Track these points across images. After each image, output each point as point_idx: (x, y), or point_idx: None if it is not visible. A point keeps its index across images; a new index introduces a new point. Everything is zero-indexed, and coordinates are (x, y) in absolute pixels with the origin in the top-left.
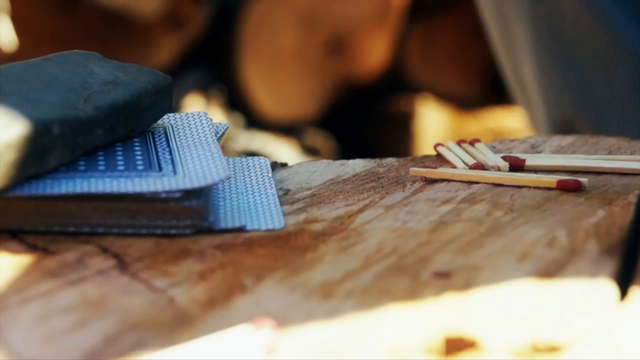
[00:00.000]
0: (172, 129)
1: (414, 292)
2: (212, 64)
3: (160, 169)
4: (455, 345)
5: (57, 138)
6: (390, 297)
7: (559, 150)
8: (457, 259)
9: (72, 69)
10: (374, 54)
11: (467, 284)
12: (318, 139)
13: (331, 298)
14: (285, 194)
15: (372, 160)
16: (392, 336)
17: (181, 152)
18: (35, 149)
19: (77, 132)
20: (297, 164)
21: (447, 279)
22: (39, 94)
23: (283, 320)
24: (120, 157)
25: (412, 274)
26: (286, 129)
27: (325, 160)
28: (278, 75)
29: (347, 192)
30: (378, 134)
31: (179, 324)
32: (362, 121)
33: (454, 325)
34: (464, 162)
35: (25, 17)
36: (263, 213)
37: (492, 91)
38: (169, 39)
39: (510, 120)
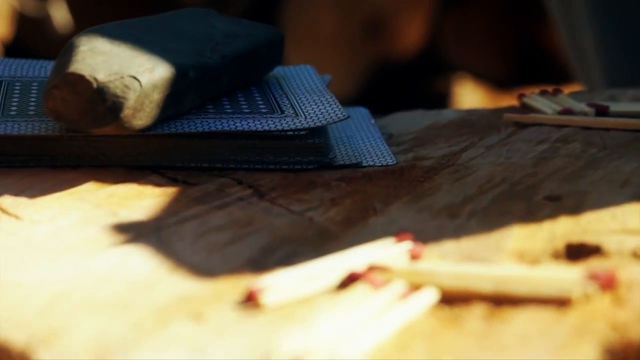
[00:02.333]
0: (284, 79)
1: (530, 212)
2: None
3: (282, 111)
4: (578, 251)
5: (192, 82)
6: (510, 216)
7: (638, 100)
8: (563, 186)
9: (196, 23)
10: (410, 35)
11: (577, 206)
12: None
13: (457, 217)
14: (389, 137)
15: (463, 111)
16: (519, 245)
17: (297, 98)
18: (174, 91)
19: (206, 78)
20: (393, 115)
21: (558, 202)
22: (172, 44)
23: (418, 235)
24: (243, 102)
25: (526, 198)
26: None
27: (419, 110)
28: (317, 57)
29: (447, 136)
30: None
31: (323, 239)
32: (399, 102)
33: (574, 236)
34: (551, 108)
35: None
36: (374, 152)
37: (525, 71)
38: None
39: None
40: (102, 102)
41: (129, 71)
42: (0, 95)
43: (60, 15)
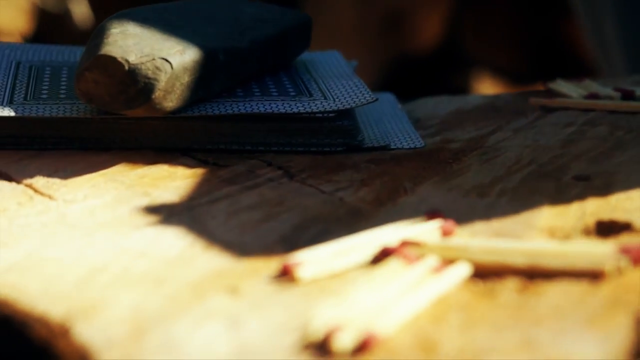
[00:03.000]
0: (312, 63)
1: (559, 192)
2: None
3: (311, 94)
4: (609, 228)
5: (221, 65)
6: (539, 195)
7: None
8: (591, 167)
9: (225, 8)
10: (429, 29)
11: (606, 185)
12: None
13: (486, 196)
14: (416, 121)
15: (488, 96)
16: (550, 223)
17: (325, 81)
18: (204, 74)
19: (236, 61)
20: (418, 100)
21: (587, 181)
22: (203, 27)
23: (449, 213)
24: (271, 85)
25: (555, 178)
26: None
27: (444, 96)
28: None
29: (473, 120)
30: None
31: (354, 218)
32: (417, 96)
33: (604, 214)
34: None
35: None
36: (402, 135)
37: (544, 65)
38: None
39: None
40: (133, 83)
41: (160, 53)
42: (31, 79)
43: (81, 10)
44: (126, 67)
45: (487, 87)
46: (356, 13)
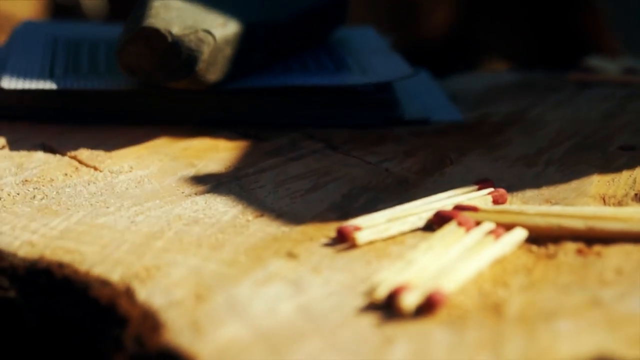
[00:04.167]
0: (348, 39)
1: (606, 161)
2: None
3: (349, 68)
4: None
5: (261, 39)
6: (587, 164)
7: None
8: (636, 137)
9: None
10: (440, 17)
11: None
12: None
13: (534, 166)
14: (452, 96)
15: (520, 73)
16: (601, 190)
17: (363, 56)
18: (245, 46)
19: (275, 35)
20: (450, 77)
21: (633, 151)
22: (242, 1)
23: (498, 182)
24: (310, 60)
25: (600, 148)
26: None
27: (475, 73)
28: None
29: (511, 94)
30: None
31: (402, 187)
32: None
33: None
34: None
35: None
36: (441, 108)
37: (557, 53)
38: None
39: None
40: (176, 56)
41: (203, 25)
42: (70, 54)
43: (93, 3)
44: (169, 39)
45: None
46: (366, 1)
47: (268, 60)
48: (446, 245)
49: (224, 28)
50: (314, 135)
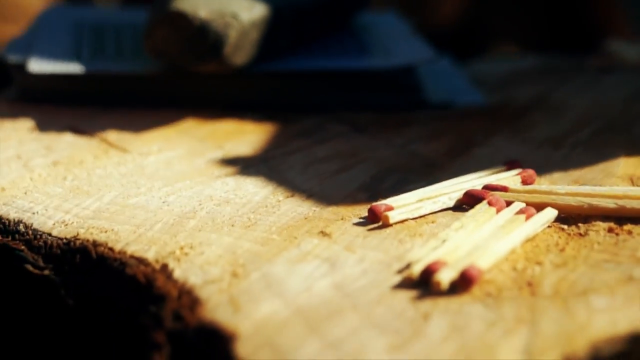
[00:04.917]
0: (370, 24)
1: (633, 143)
2: None
3: (373, 52)
4: None
5: (287, 22)
6: (613, 146)
7: None
8: None
9: None
10: (451, 5)
11: None
12: None
13: (561, 148)
14: (474, 80)
15: (538, 58)
16: (629, 171)
17: (387, 40)
18: (271, 30)
19: (300, 20)
20: (470, 62)
21: None
22: None
23: (525, 163)
24: (334, 45)
25: (625, 131)
26: None
27: (496, 58)
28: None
29: (533, 78)
30: None
31: (430, 168)
32: None
33: None
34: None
35: None
36: (464, 92)
37: (569, 41)
38: None
39: None
40: (204, 39)
41: (229, 9)
42: (96, 38)
43: None
44: (197, 23)
45: None
46: None
47: (294, 44)
48: (478, 225)
49: (250, 12)
50: (340, 118)
